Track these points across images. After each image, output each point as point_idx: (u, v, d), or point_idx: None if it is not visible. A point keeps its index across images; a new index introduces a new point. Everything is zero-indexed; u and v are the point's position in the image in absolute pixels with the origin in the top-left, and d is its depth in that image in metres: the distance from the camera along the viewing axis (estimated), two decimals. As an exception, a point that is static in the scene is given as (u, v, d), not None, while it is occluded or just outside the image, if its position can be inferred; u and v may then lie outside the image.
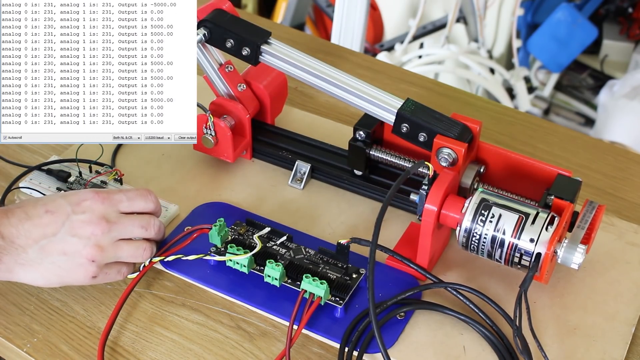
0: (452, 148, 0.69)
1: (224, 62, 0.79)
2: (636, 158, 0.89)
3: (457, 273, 0.71)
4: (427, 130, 0.70)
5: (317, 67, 0.74)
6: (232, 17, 0.76)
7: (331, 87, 0.74)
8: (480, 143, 0.72)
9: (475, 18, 1.97)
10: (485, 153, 0.73)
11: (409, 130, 0.71)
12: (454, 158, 0.69)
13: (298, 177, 0.82)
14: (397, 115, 0.71)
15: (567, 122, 2.19)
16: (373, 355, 0.65)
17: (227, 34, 0.75)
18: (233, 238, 0.72)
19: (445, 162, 0.70)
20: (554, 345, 0.65)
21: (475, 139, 0.71)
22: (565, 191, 0.66)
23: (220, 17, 0.75)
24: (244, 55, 0.76)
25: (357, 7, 1.52)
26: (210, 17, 0.75)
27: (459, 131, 0.70)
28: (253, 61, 0.76)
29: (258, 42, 0.74)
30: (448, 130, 0.69)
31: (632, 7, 2.16)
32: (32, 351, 0.66)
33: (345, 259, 0.70)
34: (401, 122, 0.71)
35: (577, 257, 0.63)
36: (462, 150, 0.68)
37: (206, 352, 0.66)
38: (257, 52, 0.75)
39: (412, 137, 0.71)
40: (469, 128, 0.71)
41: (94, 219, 0.64)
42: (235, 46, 0.75)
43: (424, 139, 0.71)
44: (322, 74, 0.74)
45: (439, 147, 0.69)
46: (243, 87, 0.80)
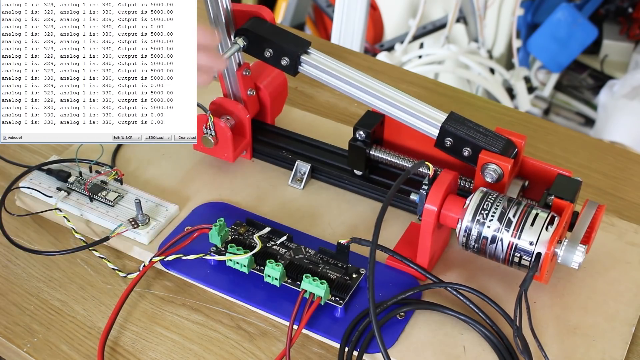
0: (498, 164, 0.67)
1: (243, 64, 0.78)
2: (636, 158, 0.89)
3: (457, 273, 0.71)
4: (472, 145, 0.69)
5: (358, 79, 0.72)
6: (271, 25, 0.74)
7: (373, 100, 0.72)
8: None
9: (475, 18, 1.97)
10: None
11: (452, 144, 0.70)
12: (500, 174, 0.68)
13: (298, 177, 0.82)
14: (440, 130, 0.70)
15: (567, 122, 2.19)
16: (373, 355, 0.65)
17: (267, 43, 0.73)
18: (233, 238, 0.72)
19: (490, 178, 0.68)
20: (554, 345, 0.65)
21: (519, 153, 0.70)
22: (565, 191, 0.66)
23: (259, 25, 0.73)
24: (283, 65, 0.74)
25: (357, 7, 1.52)
26: (249, 26, 0.73)
27: (504, 146, 0.68)
28: (292, 71, 0.74)
29: (298, 52, 0.73)
30: (493, 145, 0.68)
31: (632, 7, 2.16)
32: (32, 351, 0.66)
33: (345, 259, 0.70)
34: (445, 137, 0.69)
35: (577, 257, 0.63)
36: (508, 167, 0.67)
37: (206, 352, 0.66)
38: (297, 63, 0.73)
39: (456, 151, 0.70)
40: (513, 143, 0.69)
41: None
42: (274, 56, 0.73)
43: (469, 154, 0.69)
44: (364, 86, 0.72)
45: (485, 163, 0.68)
46: (252, 92, 0.80)
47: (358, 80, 0.73)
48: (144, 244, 0.74)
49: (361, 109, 0.95)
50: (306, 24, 2.21)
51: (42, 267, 0.74)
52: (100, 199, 0.77)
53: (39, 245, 0.76)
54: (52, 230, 0.78)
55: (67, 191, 0.78)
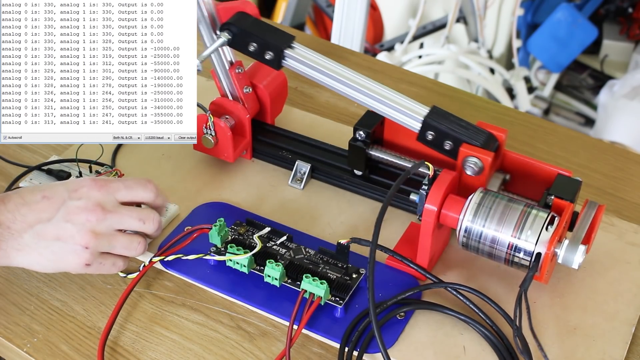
0: (478, 157, 0.68)
1: (235, 62, 0.79)
2: (636, 158, 0.89)
3: (457, 273, 0.71)
4: (453, 138, 0.69)
5: (341, 73, 0.73)
6: (255, 20, 0.74)
7: (356, 94, 0.72)
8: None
9: (475, 18, 1.97)
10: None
11: (434, 138, 0.70)
12: (480, 167, 0.68)
13: (298, 177, 0.82)
14: (423, 123, 0.70)
15: (567, 122, 2.19)
16: (373, 355, 0.65)
17: (251, 37, 0.73)
18: (233, 238, 0.72)
19: (471, 171, 0.69)
20: (554, 345, 0.65)
21: (501, 147, 0.70)
22: (565, 191, 0.66)
23: (243, 20, 0.74)
24: (267, 59, 0.74)
25: (357, 7, 1.52)
26: (234, 20, 0.73)
27: (485, 139, 0.69)
28: (276, 65, 0.74)
29: (282, 47, 0.73)
30: (474, 139, 0.69)
31: (632, 7, 2.16)
32: (32, 351, 0.66)
33: (345, 259, 0.70)
34: (427, 130, 0.70)
35: (577, 257, 0.63)
36: (488, 160, 0.68)
37: (206, 352, 0.66)
38: (281, 57, 0.73)
39: (438, 145, 0.70)
40: (494, 136, 0.70)
41: (89, 205, 0.64)
42: (258, 50, 0.73)
43: (450, 147, 0.70)
44: (347, 80, 0.72)
45: (465, 156, 0.69)
46: (249, 90, 0.80)
47: (341, 74, 0.73)
48: (144, 244, 0.74)
49: (361, 109, 0.95)
50: (306, 24, 2.21)
51: (42, 267, 0.74)
52: (100, 199, 0.77)
53: (39, 245, 0.76)
54: (52, 230, 0.77)
55: (67, 191, 0.78)
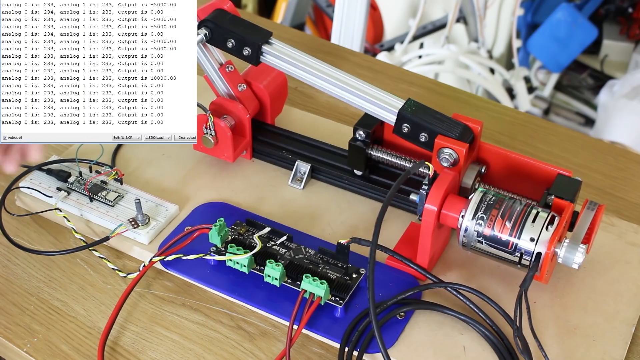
0: (453, 148, 0.69)
1: (224, 62, 0.79)
2: (636, 158, 0.89)
3: (457, 273, 0.71)
4: (428, 130, 0.70)
5: (318, 67, 0.74)
6: (233, 17, 0.76)
7: (332, 87, 0.74)
8: (481, 143, 0.72)
9: (475, 18, 1.97)
10: (486, 153, 0.73)
11: (410, 130, 0.71)
12: (455, 158, 0.69)
13: (298, 177, 0.82)
14: (398, 116, 0.71)
15: (567, 122, 2.19)
16: (373, 355, 0.65)
17: (228, 34, 0.75)
18: (233, 238, 0.72)
19: (446, 163, 0.69)
20: (554, 345, 0.65)
21: (476, 139, 0.71)
22: (565, 191, 0.66)
23: (221, 17, 0.75)
24: (245, 55, 0.75)
25: (357, 7, 1.52)
26: (211, 17, 0.75)
27: (460, 131, 0.70)
28: (254, 61, 0.76)
29: (259, 42, 0.74)
30: (449, 131, 0.69)
31: (632, 7, 2.16)
32: (32, 351, 0.66)
33: (345, 259, 0.70)
34: (402, 122, 0.71)
35: (577, 257, 0.63)
36: (463, 151, 0.68)
37: (206, 352, 0.66)
38: (258, 52, 0.75)
39: (413, 137, 0.71)
40: (470, 128, 0.71)
41: None
42: (237, 46, 0.75)
43: (425, 139, 0.71)
44: (323, 74, 0.74)
45: (440, 148, 0.69)
46: (243, 87, 0.80)
47: (318, 69, 0.74)
48: (144, 244, 0.74)
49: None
50: (306, 24, 2.20)
51: (42, 267, 0.74)
52: (100, 199, 0.77)
53: (39, 245, 0.76)
54: (52, 230, 0.78)
55: (67, 191, 0.78)
